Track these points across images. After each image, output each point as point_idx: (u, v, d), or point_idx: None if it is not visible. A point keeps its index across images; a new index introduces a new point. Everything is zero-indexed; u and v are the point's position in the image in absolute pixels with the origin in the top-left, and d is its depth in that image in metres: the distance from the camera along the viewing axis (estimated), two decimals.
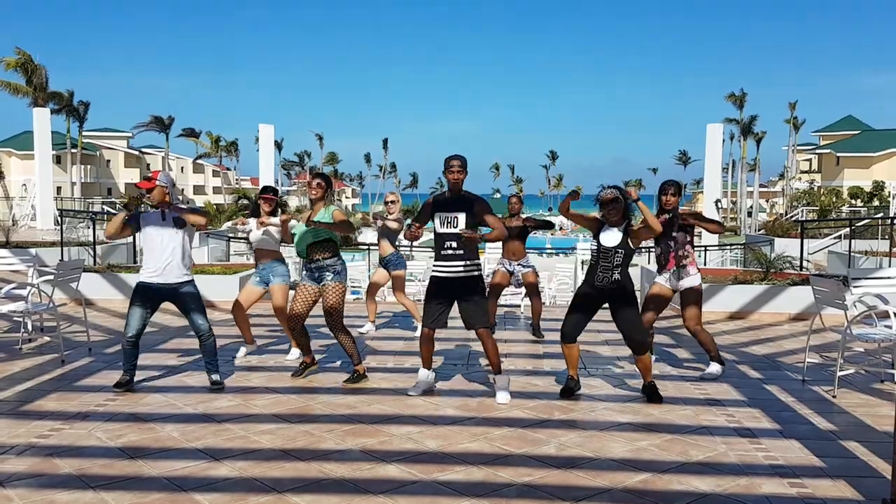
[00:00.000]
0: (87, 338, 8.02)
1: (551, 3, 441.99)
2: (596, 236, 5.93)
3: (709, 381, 6.71)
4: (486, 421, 5.52)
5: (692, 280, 6.72)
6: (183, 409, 5.78)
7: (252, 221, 7.39)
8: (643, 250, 14.64)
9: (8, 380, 6.57)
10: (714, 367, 6.84)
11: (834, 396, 6.23)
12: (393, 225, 8.50)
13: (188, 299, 6.25)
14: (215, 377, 6.34)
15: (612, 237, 5.87)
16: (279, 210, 7.52)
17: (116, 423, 5.39)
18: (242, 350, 7.57)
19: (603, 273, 5.89)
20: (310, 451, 4.85)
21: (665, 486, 4.35)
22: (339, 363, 7.30)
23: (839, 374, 6.36)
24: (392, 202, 8.73)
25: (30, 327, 8.20)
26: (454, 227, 5.87)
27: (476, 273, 5.99)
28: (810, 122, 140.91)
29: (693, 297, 6.73)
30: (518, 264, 8.70)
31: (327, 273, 6.42)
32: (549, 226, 9.40)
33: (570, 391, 6.15)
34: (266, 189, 7.61)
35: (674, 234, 6.68)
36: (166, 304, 6.34)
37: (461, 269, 5.93)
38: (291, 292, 7.26)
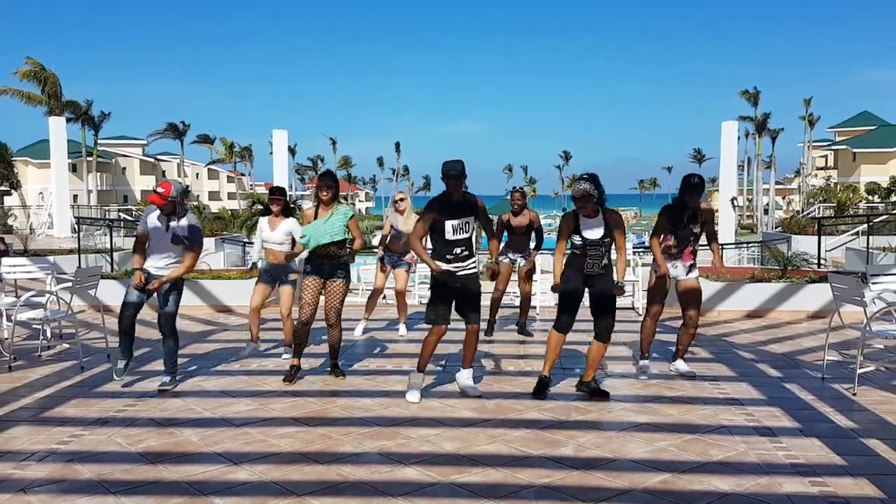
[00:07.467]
0: (106, 344, 8.07)
1: (561, 5, 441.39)
2: (576, 231, 5.93)
3: (727, 381, 6.67)
4: (504, 422, 5.51)
5: (694, 272, 6.78)
6: (202, 413, 5.81)
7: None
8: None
9: (28, 387, 6.63)
10: (683, 365, 6.88)
11: (854, 394, 6.17)
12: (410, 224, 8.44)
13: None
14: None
15: (595, 230, 5.93)
16: (293, 210, 7.64)
17: (136, 429, 5.42)
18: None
19: (592, 261, 5.98)
20: (328, 455, 4.86)
21: (685, 486, 4.33)
22: (353, 366, 7.31)
23: (859, 371, 6.31)
24: (402, 199, 8.73)
25: (49, 334, 8.28)
26: (466, 233, 6.07)
27: (476, 271, 6.25)
28: (826, 119, 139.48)
29: (698, 294, 6.80)
30: (521, 256, 8.83)
31: (340, 271, 6.64)
32: (538, 243, 8.90)
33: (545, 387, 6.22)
34: (275, 190, 7.76)
35: (695, 230, 6.69)
36: (188, 311, 6.38)
37: (469, 268, 6.15)
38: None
